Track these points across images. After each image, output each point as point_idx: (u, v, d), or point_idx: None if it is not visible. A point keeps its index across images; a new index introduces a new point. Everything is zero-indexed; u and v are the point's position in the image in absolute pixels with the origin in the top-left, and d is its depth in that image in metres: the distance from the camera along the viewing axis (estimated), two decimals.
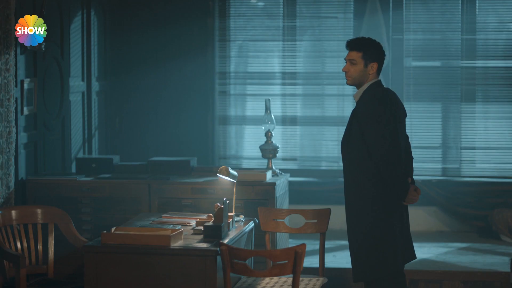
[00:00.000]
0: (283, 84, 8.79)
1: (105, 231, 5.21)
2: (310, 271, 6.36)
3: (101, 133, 8.49)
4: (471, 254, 7.51)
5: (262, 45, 8.84)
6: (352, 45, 5.28)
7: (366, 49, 5.24)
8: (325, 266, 5.87)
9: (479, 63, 8.53)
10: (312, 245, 7.03)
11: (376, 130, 5.12)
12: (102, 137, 8.53)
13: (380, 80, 5.33)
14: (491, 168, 8.57)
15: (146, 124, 8.77)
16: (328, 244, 7.23)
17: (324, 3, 8.71)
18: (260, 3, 8.90)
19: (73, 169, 7.70)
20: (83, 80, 8.10)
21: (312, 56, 8.77)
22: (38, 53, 7.02)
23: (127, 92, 8.78)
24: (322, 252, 5.82)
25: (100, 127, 8.47)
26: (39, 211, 6.02)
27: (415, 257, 5.41)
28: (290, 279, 5.36)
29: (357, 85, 5.30)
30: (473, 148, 8.59)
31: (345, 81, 5.34)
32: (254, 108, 8.81)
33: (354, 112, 5.29)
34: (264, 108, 7.30)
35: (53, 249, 5.98)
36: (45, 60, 7.21)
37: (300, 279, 5.25)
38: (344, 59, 5.31)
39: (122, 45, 8.74)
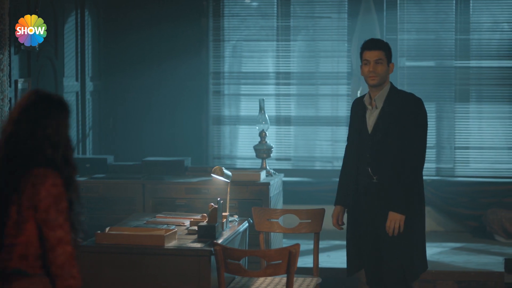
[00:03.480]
0: (277, 84, 8.78)
1: (99, 231, 5.20)
2: (304, 271, 6.34)
3: (95, 133, 8.48)
4: (465, 254, 7.52)
5: (256, 45, 8.83)
6: (377, 44, 5.27)
7: (387, 49, 5.29)
8: (319, 266, 5.86)
9: (473, 63, 8.53)
10: (306, 245, 7.03)
11: (424, 132, 5.24)
12: (96, 137, 8.52)
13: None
14: (485, 168, 8.57)
15: (140, 124, 8.75)
16: (322, 244, 7.21)
17: (318, 3, 8.70)
18: (254, 3, 8.89)
19: None
20: (77, 80, 8.09)
21: (306, 56, 8.76)
22: (32, 53, 7.01)
23: (121, 92, 8.77)
24: (316, 252, 5.82)
25: (94, 127, 8.46)
26: None
27: None
28: (284, 279, 5.36)
29: (379, 85, 5.27)
30: (467, 148, 8.59)
31: (339, 81, 5.34)
32: (248, 108, 8.80)
33: (390, 113, 5.25)
34: (258, 108, 7.30)
35: None
36: (39, 60, 7.20)
37: (294, 279, 5.25)
38: (366, 59, 5.22)
39: (116, 45, 8.73)
